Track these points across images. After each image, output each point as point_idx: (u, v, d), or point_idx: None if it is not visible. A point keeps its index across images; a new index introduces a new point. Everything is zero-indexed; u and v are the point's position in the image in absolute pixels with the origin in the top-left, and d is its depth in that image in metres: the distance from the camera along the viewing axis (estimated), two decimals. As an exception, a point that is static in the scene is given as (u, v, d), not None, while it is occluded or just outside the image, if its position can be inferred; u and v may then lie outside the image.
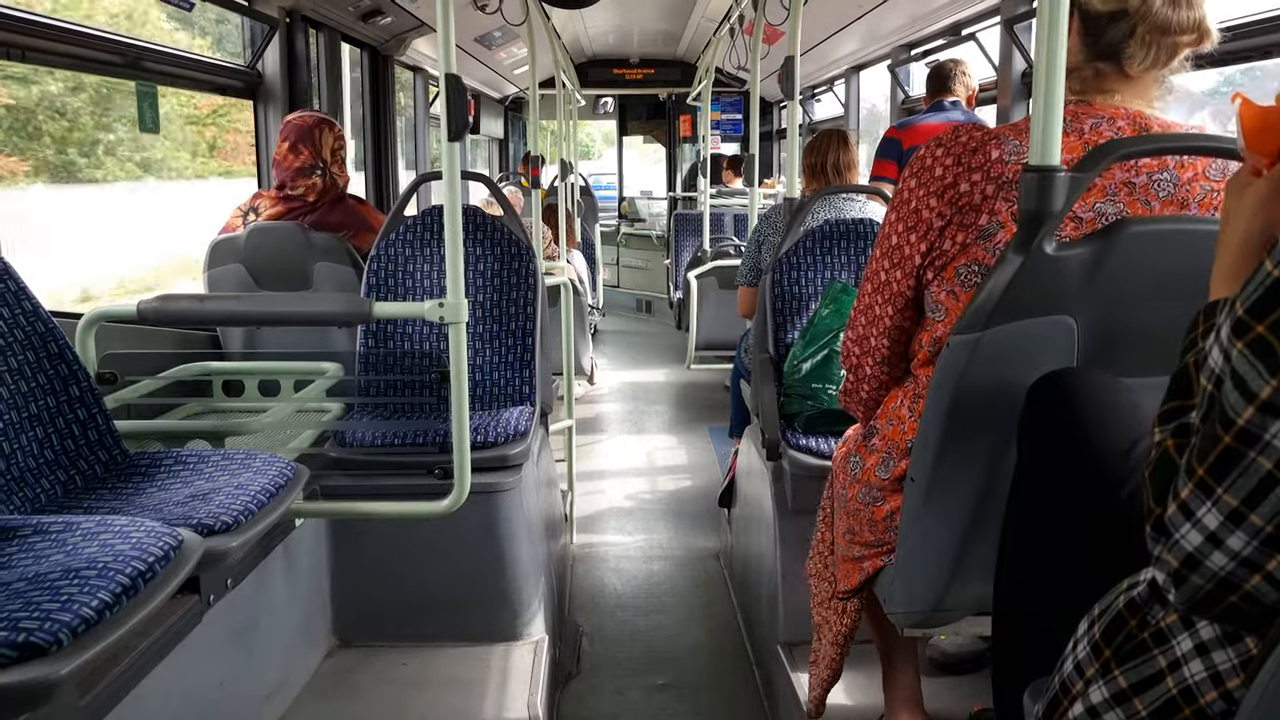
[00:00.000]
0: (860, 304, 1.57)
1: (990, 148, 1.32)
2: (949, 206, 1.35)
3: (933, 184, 1.37)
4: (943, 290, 1.40)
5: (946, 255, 1.37)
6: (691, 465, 4.87)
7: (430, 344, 2.73)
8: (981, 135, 1.34)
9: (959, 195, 1.34)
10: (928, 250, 1.39)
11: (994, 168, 1.31)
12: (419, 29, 4.44)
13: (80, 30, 2.40)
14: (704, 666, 2.83)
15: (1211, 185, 1.35)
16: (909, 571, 1.47)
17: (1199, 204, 1.34)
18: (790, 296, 2.75)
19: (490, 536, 2.42)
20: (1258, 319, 0.71)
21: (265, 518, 1.51)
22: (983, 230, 1.32)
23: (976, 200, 1.32)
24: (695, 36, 7.58)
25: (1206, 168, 1.35)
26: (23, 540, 1.24)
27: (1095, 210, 1.32)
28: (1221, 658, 0.86)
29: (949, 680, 2.17)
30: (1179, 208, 1.33)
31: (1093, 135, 1.34)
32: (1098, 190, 1.31)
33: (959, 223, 1.33)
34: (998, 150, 1.32)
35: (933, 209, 1.36)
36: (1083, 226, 1.33)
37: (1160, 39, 1.31)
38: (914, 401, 1.54)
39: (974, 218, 1.32)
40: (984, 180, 1.32)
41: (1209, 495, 0.75)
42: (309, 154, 2.77)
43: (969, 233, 1.33)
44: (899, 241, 1.43)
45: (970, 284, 1.36)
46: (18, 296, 1.64)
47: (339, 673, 2.35)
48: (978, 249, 1.33)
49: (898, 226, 1.43)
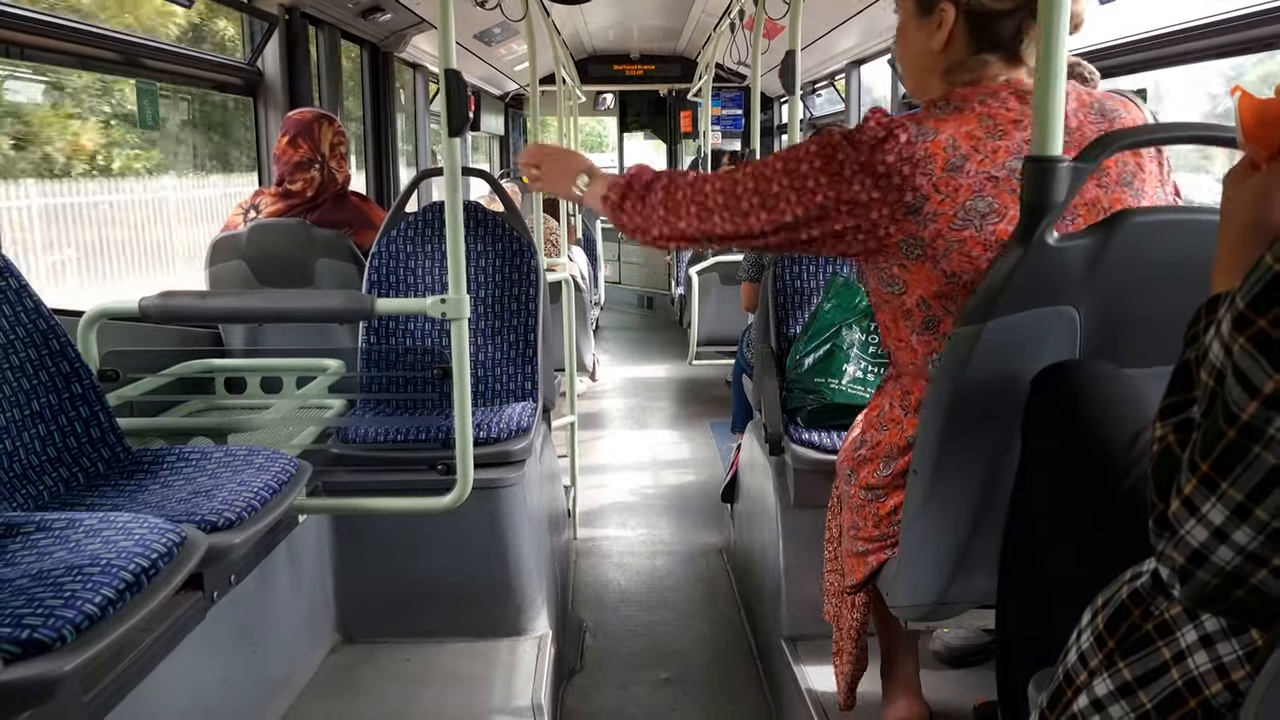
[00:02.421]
0: (725, 190, 1.49)
1: (899, 133, 1.36)
2: (876, 187, 1.35)
3: (858, 160, 1.36)
4: (892, 264, 1.42)
5: (881, 228, 1.37)
6: (694, 460, 4.88)
7: (432, 340, 2.73)
8: (888, 122, 1.38)
9: (878, 176, 1.35)
10: (845, 211, 1.38)
11: (905, 149, 1.34)
12: (419, 26, 4.43)
13: (80, 27, 2.39)
14: (707, 661, 2.84)
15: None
16: (912, 565, 1.47)
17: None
18: (792, 291, 2.75)
19: (493, 532, 2.43)
20: (1259, 313, 0.71)
21: (268, 514, 1.51)
22: (910, 206, 1.35)
23: (897, 181, 1.35)
24: (695, 32, 7.57)
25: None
26: (26, 537, 1.24)
27: (965, 208, 1.34)
28: (1226, 649, 0.86)
29: (953, 673, 2.17)
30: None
31: (983, 109, 1.39)
32: (966, 189, 1.34)
33: (883, 199, 1.36)
34: (905, 135, 1.35)
35: (865, 185, 1.36)
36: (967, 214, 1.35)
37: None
38: (904, 398, 1.54)
39: (898, 195, 1.35)
40: (899, 161, 1.34)
41: (1213, 490, 0.74)
42: (308, 148, 2.77)
43: (896, 209, 1.35)
44: (809, 172, 1.39)
45: (914, 255, 1.38)
46: (19, 294, 1.64)
47: (343, 669, 2.36)
48: (909, 224, 1.36)
49: (815, 161, 1.39)
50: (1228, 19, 2.39)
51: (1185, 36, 2.55)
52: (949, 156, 1.34)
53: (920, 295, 1.42)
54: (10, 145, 2.79)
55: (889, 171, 1.34)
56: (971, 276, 1.36)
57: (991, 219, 1.34)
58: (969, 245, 1.35)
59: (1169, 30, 2.62)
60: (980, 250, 1.35)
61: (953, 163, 1.34)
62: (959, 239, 1.35)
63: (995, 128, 1.37)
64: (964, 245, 1.35)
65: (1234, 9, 2.36)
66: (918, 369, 1.50)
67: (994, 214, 1.34)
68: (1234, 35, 2.39)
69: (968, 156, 1.35)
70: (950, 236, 1.35)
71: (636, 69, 9.27)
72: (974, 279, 1.35)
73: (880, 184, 1.35)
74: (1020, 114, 1.37)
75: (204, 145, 3.79)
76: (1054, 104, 1.21)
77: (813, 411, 2.45)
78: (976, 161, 1.34)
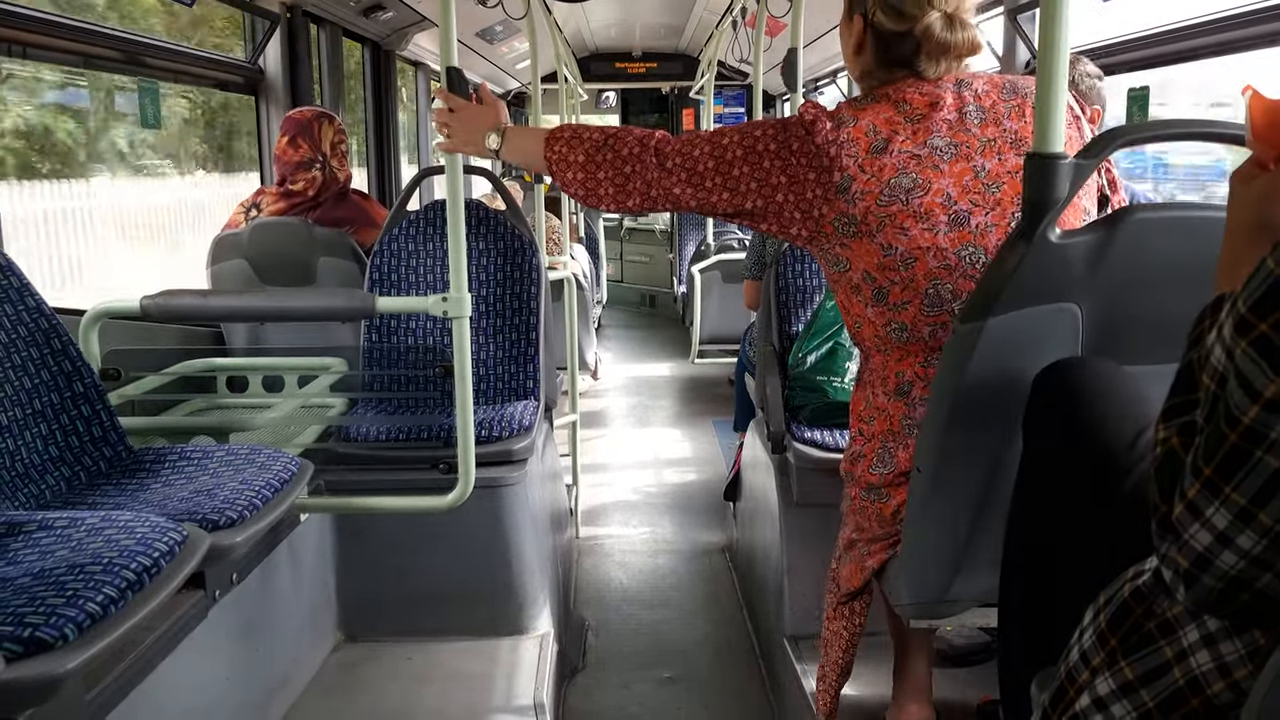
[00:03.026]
0: (686, 167, 1.55)
1: (825, 119, 1.49)
2: (812, 167, 1.48)
3: (799, 138, 1.49)
4: (834, 245, 1.52)
5: (816, 208, 1.49)
6: (696, 459, 4.87)
7: (434, 339, 2.73)
8: (816, 111, 1.51)
9: (812, 155, 1.48)
10: (785, 183, 1.49)
11: (830, 133, 1.47)
12: (420, 24, 4.43)
13: (81, 26, 2.39)
14: (709, 660, 2.84)
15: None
16: (914, 562, 1.47)
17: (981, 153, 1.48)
18: (794, 289, 2.75)
19: (495, 531, 2.43)
20: (1260, 317, 0.70)
21: (270, 513, 1.51)
22: (839, 186, 1.46)
23: (825, 162, 1.47)
24: (698, 29, 7.56)
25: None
26: (28, 536, 1.24)
27: (890, 185, 1.45)
28: (1229, 649, 0.85)
29: (955, 672, 2.17)
30: (966, 161, 1.47)
31: (898, 96, 1.50)
32: (890, 168, 1.45)
33: (817, 180, 1.47)
34: (830, 122, 1.48)
35: (802, 164, 1.48)
36: (879, 199, 1.45)
37: (942, 55, 1.51)
38: (883, 384, 1.57)
39: (828, 176, 1.46)
40: (825, 143, 1.46)
41: (1217, 495, 0.74)
42: (308, 148, 2.77)
43: (828, 189, 1.47)
44: (764, 151, 1.50)
45: (850, 233, 1.48)
46: (20, 293, 1.64)
47: (345, 667, 2.36)
48: (840, 202, 1.47)
49: (770, 144, 1.50)
50: (1234, 15, 2.37)
51: (1189, 34, 2.54)
52: (871, 140, 1.46)
53: (864, 269, 1.50)
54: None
55: (818, 152, 1.47)
56: (905, 247, 1.45)
57: (917, 193, 1.45)
58: (899, 219, 1.45)
59: (1173, 27, 2.61)
60: (912, 223, 1.45)
61: (875, 145, 1.46)
62: (888, 214, 1.45)
63: (912, 111, 1.48)
64: (895, 219, 1.45)
65: (1241, 4, 2.35)
66: (881, 340, 1.54)
67: (918, 189, 1.45)
68: (1239, 31, 2.38)
69: (889, 139, 1.46)
70: (879, 212, 1.45)
71: (638, 67, 9.25)
72: (908, 250, 1.45)
73: (814, 163, 1.47)
74: (935, 97, 1.49)
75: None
76: (1054, 102, 1.21)
77: (815, 410, 2.45)
78: (899, 143, 1.46)
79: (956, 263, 1.45)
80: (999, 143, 1.48)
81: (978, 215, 1.45)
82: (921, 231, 1.44)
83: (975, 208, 1.45)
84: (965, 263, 1.45)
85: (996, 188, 1.46)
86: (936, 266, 1.45)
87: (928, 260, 1.45)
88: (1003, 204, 1.46)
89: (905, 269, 1.46)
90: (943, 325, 1.47)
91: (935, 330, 1.48)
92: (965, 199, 1.45)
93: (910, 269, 1.46)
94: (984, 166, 1.47)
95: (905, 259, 1.45)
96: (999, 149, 1.48)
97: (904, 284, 1.47)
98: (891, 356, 1.54)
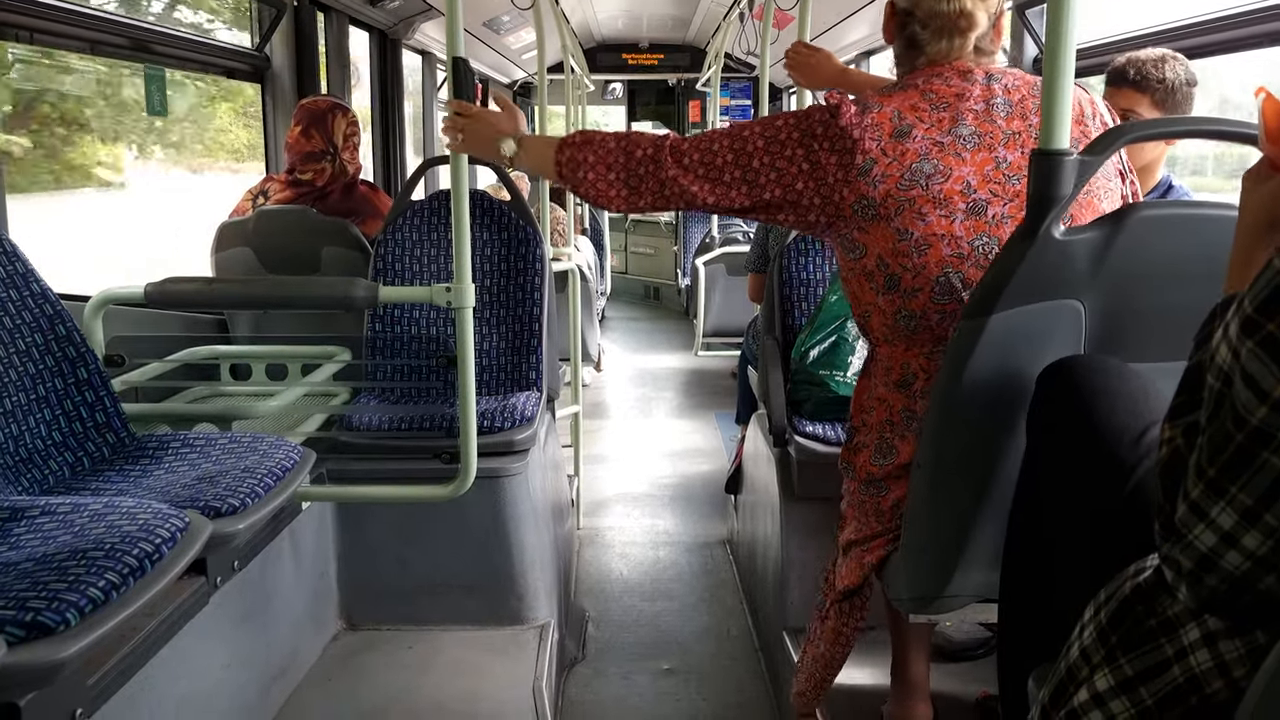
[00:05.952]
0: (700, 153, 1.56)
1: (850, 104, 1.51)
2: (833, 150, 1.49)
3: (823, 123, 1.50)
4: (852, 229, 1.53)
5: (837, 192, 1.49)
6: (698, 451, 4.88)
7: (437, 329, 2.73)
8: (840, 97, 1.53)
9: (834, 139, 1.49)
10: (807, 171, 1.50)
11: (854, 117, 1.49)
12: (427, 13, 4.42)
13: (87, 13, 2.39)
14: (709, 651, 2.84)
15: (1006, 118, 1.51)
16: (914, 557, 1.47)
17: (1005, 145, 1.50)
18: (798, 283, 2.74)
19: (496, 521, 2.43)
20: (1268, 317, 0.70)
21: (272, 501, 1.52)
22: (860, 168, 1.47)
23: (849, 144, 1.48)
24: (705, 21, 7.54)
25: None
26: (30, 521, 1.24)
27: (912, 170, 1.47)
28: (1229, 647, 0.85)
29: (954, 667, 2.17)
30: (989, 152, 1.49)
31: (926, 86, 1.52)
32: (912, 153, 1.47)
33: (838, 162, 1.49)
34: (855, 107, 1.50)
35: (824, 147, 1.49)
36: (902, 186, 1.46)
37: (939, 28, 1.53)
38: (886, 375, 1.58)
39: (850, 158, 1.48)
40: (850, 126, 1.48)
41: (1222, 495, 0.74)
42: (320, 139, 2.77)
43: (849, 171, 1.48)
44: (786, 140, 1.51)
45: (869, 216, 1.49)
46: (25, 279, 1.64)
47: (345, 655, 2.36)
48: (860, 184, 1.48)
49: (793, 133, 1.51)
50: (1234, 15, 2.36)
51: (1190, 33, 2.52)
52: (895, 125, 1.48)
53: (879, 255, 1.51)
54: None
55: (842, 134, 1.48)
56: (921, 232, 1.47)
57: (937, 179, 1.46)
58: (919, 204, 1.46)
59: (1177, 24, 2.58)
60: (930, 208, 1.46)
61: (899, 130, 1.47)
62: (908, 198, 1.46)
63: (938, 100, 1.50)
64: (914, 204, 1.46)
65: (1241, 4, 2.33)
66: (889, 329, 1.55)
67: (939, 174, 1.46)
68: (1240, 31, 2.36)
69: (913, 125, 1.48)
70: (899, 196, 1.47)
71: (645, 58, 9.23)
72: (924, 236, 1.46)
73: (837, 145, 1.48)
74: (961, 89, 1.51)
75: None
76: (1061, 99, 1.20)
77: (817, 403, 2.45)
78: (923, 129, 1.48)
79: (970, 251, 1.46)
80: (1023, 136, 1.49)
81: (995, 205, 1.46)
82: (939, 218, 1.46)
83: (994, 198, 1.46)
84: (978, 252, 1.46)
85: (1017, 179, 1.47)
86: (950, 254, 1.46)
87: (942, 247, 1.46)
88: (1021, 196, 1.46)
89: (919, 255, 1.47)
90: (952, 314, 1.47)
91: (944, 319, 1.48)
92: (985, 188, 1.47)
93: (924, 255, 1.47)
94: (1006, 158, 1.48)
95: (920, 244, 1.47)
96: (1023, 142, 1.49)
97: (916, 270, 1.48)
98: (898, 347, 1.55)
